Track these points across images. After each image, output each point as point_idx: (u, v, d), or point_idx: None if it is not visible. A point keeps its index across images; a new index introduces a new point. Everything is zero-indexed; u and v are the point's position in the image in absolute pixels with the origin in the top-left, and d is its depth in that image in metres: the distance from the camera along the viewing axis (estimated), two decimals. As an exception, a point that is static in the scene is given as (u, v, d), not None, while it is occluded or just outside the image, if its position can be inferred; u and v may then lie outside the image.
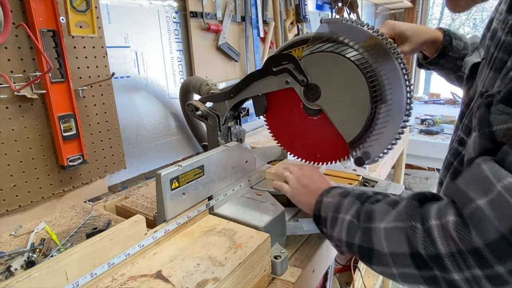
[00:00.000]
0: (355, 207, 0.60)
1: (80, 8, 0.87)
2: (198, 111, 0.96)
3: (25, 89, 0.83)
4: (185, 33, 1.33)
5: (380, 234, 0.53)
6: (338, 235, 0.61)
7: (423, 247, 0.47)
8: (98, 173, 1.05)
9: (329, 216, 0.64)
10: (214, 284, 0.54)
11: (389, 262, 0.52)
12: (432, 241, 0.46)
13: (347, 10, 2.46)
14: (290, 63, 0.80)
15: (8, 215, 0.86)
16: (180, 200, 0.69)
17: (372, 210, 0.57)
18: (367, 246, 0.55)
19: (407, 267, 0.50)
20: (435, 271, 0.47)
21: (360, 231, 0.57)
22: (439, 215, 0.47)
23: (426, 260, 0.47)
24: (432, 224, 0.47)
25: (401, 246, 0.50)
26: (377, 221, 0.54)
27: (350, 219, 0.59)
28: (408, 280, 0.51)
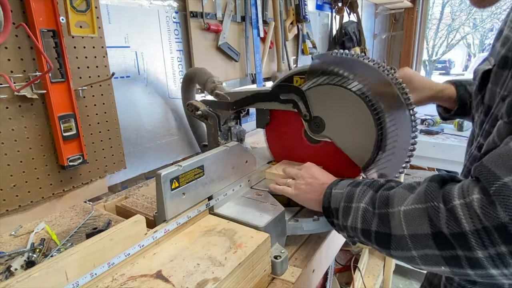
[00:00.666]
0: (369, 194, 0.60)
1: (80, 8, 0.87)
2: (198, 111, 0.96)
3: (25, 89, 0.83)
4: (185, 33, 1.33)
5: (400, 217, 0.53)
6: (353, 223, 0.60)
7: (446, 226, 0.47)
8: (98, 173, 1.05)
9: (341, 207, 0.64)
10: (214, 284, 0.54)
11: (408, 245, 0.51)
12: (456, 219, 0.46)
13: (347, 10, 2.46)
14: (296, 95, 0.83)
15: (8, 215, 0.86)
16: (180, 200, 0.69)
17: (388, 195, 0.57)
18: (385, 232, 0.55)
19: (428, 248, 0.49)
20: (457, 251, 0.46)
21: (376, 217, 0.56)
22: (463, 194, 0.47)
23: (449, 240, 0.47)
24: (456, 203, 0.46)
25: (423, 227, 0.49)
26: (396, 205, 0.54)
27: (364, 207, 0.59)
28: (428, 262, 0.51)
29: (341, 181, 0.69)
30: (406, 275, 2.61)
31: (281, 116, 0.91)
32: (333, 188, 0.68)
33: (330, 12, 2.44)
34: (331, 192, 0.68)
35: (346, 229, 0.63)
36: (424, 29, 3.68)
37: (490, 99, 0.63)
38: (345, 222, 0.63)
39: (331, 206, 0.66)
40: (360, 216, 0.59)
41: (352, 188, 0.64)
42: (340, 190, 0.66)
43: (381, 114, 0.74)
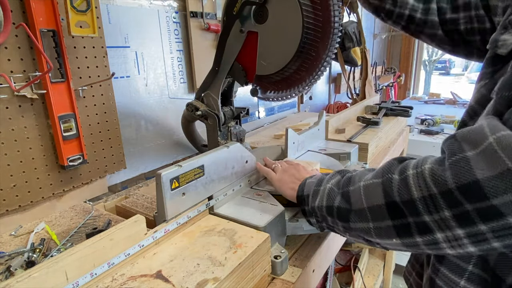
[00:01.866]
0: (336, 178, 0.64)
1: (80, 8, 0.87)
2: (198, 111, 0.96)
3: (25, 89, 0.83)
4: (185, 33, 1.33)
5: (360, 191, 0.55)
6: (319, 203, 0.64)
7: (398, 195, 0.49)
8: (98, 173, 1.05)
9: (311, 191, 0.67)
10: (214, 284, 0.54)
11: (367, 217, 0.54)
12: (407, 187, 0.48)
13: (347, 10, 2.45)
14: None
15: (8, 215, 0.86)
16: (180, 200, 0.69)
17: (351, 176, 0.61)
18: (345, 207, 0.58)
19: (382, 218, 0.52)
20: (408, 218, 0.48)
21: (339, 194, 0.60)
22: (417, 165, 0.48)
23: (401, 207, 0.49)
24: (409, 173, 0.48)
25: (378, 199, 0.52)
26: (356, 182, 0.57)
27: (330, 187, 0.63)
28: (381, 233, 0.53)
29: (317, 174, 0.73)
30: (406, 275, 2.61)
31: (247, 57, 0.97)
32: (307, 179, 0.72)
33: (330, 12, 2.44)
34: (305, 182, 0.71)
35: (314, 211, 0.65)
36: (424, 29, 3.67)
37: None
38: (313, 203, 0.65)
39: (304, 194, 0.69)
40: (326, 195, 0.63)
41: (323, 175, 0.68)
42: (313, 180, 0.69)
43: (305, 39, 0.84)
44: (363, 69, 2.53)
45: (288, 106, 2.18)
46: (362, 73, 2.55)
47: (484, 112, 0.53)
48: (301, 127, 1.67)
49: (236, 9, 0.91)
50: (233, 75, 0.99)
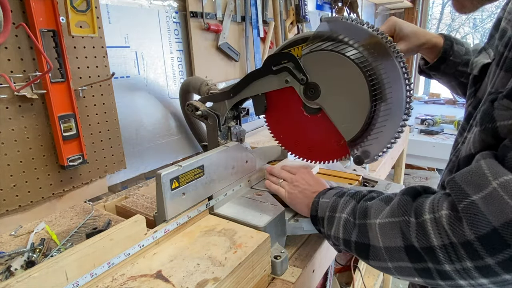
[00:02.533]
0: (351, 205, 0.62)
1: (80, 8, 0.87)
2: (198, 111, 0.96)
3: (25, 89, 0.83)
4: (185, 33, 1.33)
5: (376, 230, 0.55)
6: (336, 233, 0.63)
7: (416, 240, 0.48)
8: (98, 173, 1.05)
9: (326, 216, 0.66)
10: (214, 284, 0.54)
11: (384, 257, 0.53)
12: (425, 234, 0.47)
13: (347, 10, 2.46)
14: (290, 62, 0.80)
15: (8, 215, 0.86)
16: (180, 200, 0.69)
17: (367, 207, 0.59)
18: (363, 242, 0.57)
19: (401, 260, 0.51)
20: (428, 263, 0.48)
21: (356, 228, 0.58)
22: (433, 209, 0.48)
23: (420, 253, 0.48)
24: (426, 218, 0.48)
25: (396, 241, 0.51)
26: (372, 217, 0.56)
27: (346, 217, 0.61)
28: (403, 273, 0.53)
29: (329, 191, 0.71)
30: (406, 275, 2.61)
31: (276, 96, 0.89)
32: (320, 197, 0.70)
33: (330, 12, 2.44)
34: (318, 201, 0.70)
35: (330, 238, 0.65)
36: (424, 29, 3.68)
37: (483, 94, 0.62)
38: (329, 231, 0.65)
39: (318, 215, 0.68)
40: (342, 226, 0.61)
41: (336, 198, 0.66)
42: (326, 200, 0.68)
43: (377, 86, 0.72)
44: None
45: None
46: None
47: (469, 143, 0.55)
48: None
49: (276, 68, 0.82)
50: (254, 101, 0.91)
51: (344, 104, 0.77)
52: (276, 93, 0.87)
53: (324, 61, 0.76)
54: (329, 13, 2.44)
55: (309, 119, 0.86)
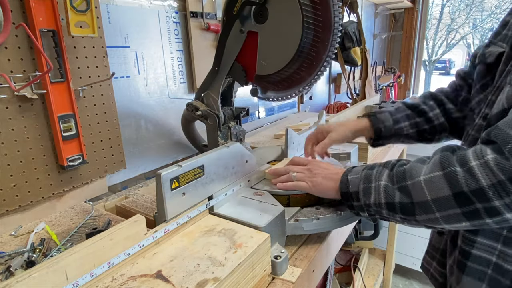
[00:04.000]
0: (385, 173, 0.67)
1: (80, 8, 0.87)
2: (198, 111, 0.96)
3: (25, 89, 0.83)
4: (185, 33, 1.33)
5: (421, 186, 0.59)
6: (376, 200, 0.66)
7: (466, 185, 0.53)
8: (98, 173, 1.05)
9: (361, 188, 0.69)
10: (214, 284, 0.54)
11: (432, 209, 0.58)
12: (474, 178, 0.53)
13: (347, 10, 2.46)
14: None
15: (8, 215, 0.86)
16: (180, 200, 0.69)
17: (404, 170, 0.63)
18: (408, 201, 0.61)
19: (450, 208, 0.56)
20: (476, 205, 0.53)
21: (397, 190, 0.63)
22: (477, 156, 0.54)
23: (469, 197, 0.53)
24: (473, 164, 0.54)
25: (443, 191, 0.56)
26: (414, 177, 0.60)
27: (385, 184, 0.65)
28: (450, 220, 0.58)
29: (354, 168, 0.75)
30: (406, 275, 2.61)
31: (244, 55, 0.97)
32: (348, 175, 0.73)
33: (330, 12, 2.44)
34: (347, 178, 0.73)
35: (369, 207, 0.68)
36: (424, 29, 3.68)
37: (498, 79, 0.70)
38: (367, 201, 0.68)
39: (350, 190, 0.72)
40: (383, 192, 0.65)
41: (367, 171, 0.70)
42: (355, 175, 0.72)
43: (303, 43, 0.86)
44: (363, 69, 2.53)
45: (288, 106, 2.18)
46: (362, 73, 2.55)
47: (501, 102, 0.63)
48: (301, 127, 1.67)
49: (236, 9, 0.91)
50: (233, 75, 0.99)
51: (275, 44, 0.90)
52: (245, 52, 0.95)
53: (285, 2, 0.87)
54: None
55: None
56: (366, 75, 2.53)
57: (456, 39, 11.61)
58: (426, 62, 10.98)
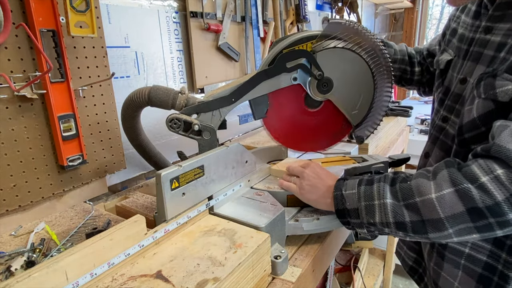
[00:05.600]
0: (388, 190, 0.65)
1: (80, 8, 0.87)
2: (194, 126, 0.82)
3: (25, 89, 0.83)
4: (185, 33, 1.33)
5: (433, 203, 0.59)
6: (383, 219, 0.65)
7: (481, 201, 0.55)
8: (98, 173, 1.05)
9: (362, 206, 0.67)
10: (214, 284, 0.54)
11: (445, 226, 0.59)
12: (488, 194, 0.55)
13: (347, 10, 2.46)
14: (304, 58, 0.86)
15: (8, 215, 0.86)
16: (180, 200, 0.69)
17: (410, 187, 0.63)
18: (418, 219, 0.61)
19: (463, 223, 0.57)
20: (490, 219, 0.55)
21: (404, 208, 0.63)
22: (486, 172, 0.56)
23: (483, 211, 0.55)
24: (484, 180, 0.55)
25: (457, 207, 0.57)
26: (424, 194, 0.61)
27: (391, 202, 0.64)
28: (462, 234, 0.59)
29: (347, 182, 0.72)
30: (406, 275, 2.61)
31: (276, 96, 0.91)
32: (342, 189, 0.71)
33: (330, 12, 2.44)
34: (341, 194, 0.70)
35: (372, 225, 0.67)
36: (424, 29, 3.68)
37: (450, 82, 0.84)
38: (371, 220, 0.66)
39: (347, 208, 0.69)
40: (391, 211, 0.64)
41: (366, 187, 0.68)
42: (352, 191, 0.69)
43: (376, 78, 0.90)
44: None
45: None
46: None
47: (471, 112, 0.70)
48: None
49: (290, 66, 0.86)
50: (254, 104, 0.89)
51: (352, 95, 0.91)
52: (276, 93, 0.88)
53: (337, 57, 0.87)
54: (329, 13, 2.44)
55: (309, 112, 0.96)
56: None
57: (456, 39, 11.61)
58: (426, 62, 10.97)
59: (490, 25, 0.73)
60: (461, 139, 0.74)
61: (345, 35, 0.85)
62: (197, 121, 0.84)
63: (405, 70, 1.14)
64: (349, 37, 0.85)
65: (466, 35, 0.81)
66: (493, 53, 0.70)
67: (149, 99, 0.90)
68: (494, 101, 0.65)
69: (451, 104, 0.82)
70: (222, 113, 0.86)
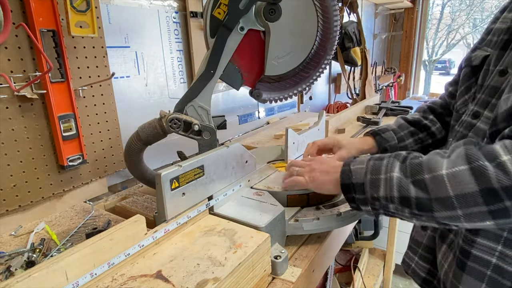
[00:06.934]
0: (397, 165, 0.61)
1: (80, 8, 0.87)
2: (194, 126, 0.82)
3: (25, 89, 0.83)
4: (185, 33, 1.33)
5: (443, 180, 0.54)
6: (387, 193, 0.61)
7: (497, 181, 0.50)
8: (98, 173, 1.05)
9: (368, 179, 0.64)
10: (214, 284, 0.54)
11: (454, 205, 0.54)
12: (507, 173, 0.49)
13: (347, 10, 2.46)
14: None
15: (8, 215, 0.86)
16: (180, 200, 0.69)
17: (420, 162, 0.59)
18: (426, 196, 0.57)
19: (475, 205, 0.52)
20: (506, 202, 0.50)
21: (412, 184, 0.58)
22: (509, 151, 0.51)
23: (498, 193, 0.50)
24: (505, 159, 0.50)
25: (469, 186, 0.52)
26: (434, 170, 0.56)
27: (398, 176, 0.60)
28: (473, 218, 0.54)
29: (357, 158, 0.70)
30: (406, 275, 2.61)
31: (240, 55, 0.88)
32: (351, 164, 0.68)
33: (330, 12, 2.44)
34: (349, 168, 0.68)
35: (377, 200, 0.63)
36: (424, 29, 3.68)
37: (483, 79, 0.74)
38: (375, 194, 0.63)
39: (353, 182, 0.66)
40: (396, 185, 0.60)
41: (376, 162, 0.65)
42: (360, 165, 0.66)
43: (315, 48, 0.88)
44: (363, 69, 2.53)
45: (288, 106, 2.18)
46: (362, 73, 2.55)
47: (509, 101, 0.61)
48: (301, 127, 1.67)
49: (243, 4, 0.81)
50: (227, 78, 0.87)
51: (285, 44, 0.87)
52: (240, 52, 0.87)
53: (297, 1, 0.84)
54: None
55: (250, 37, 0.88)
56: (366, 75, 2.53)
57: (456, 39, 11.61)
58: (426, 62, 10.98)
59: None
60: (494, 131, 0.64)
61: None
62: (197, 121, 0.84)
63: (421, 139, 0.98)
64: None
65: (504, 27, 0.73)
66: None
67: (142, 140, 0.90)
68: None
69: (485, 98, 0.71)
70: (208, 89, 0.85)
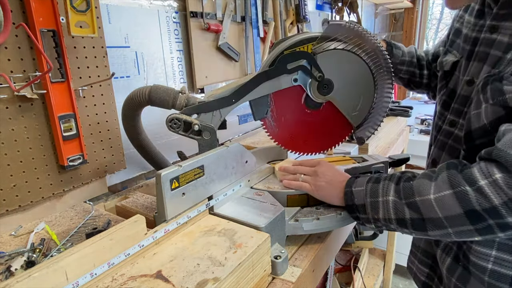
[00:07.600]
0: (392, 188, 0.68)
1: (80, 8, 0.87)
2: (194, 126, 0.83)
3: (25, 89, 0.83)
4: (185, 33, 1.33)
5: (431, 204, 0.61)
6: (385, 215, 0.68)
7: (478, 204, 0.56)
8: (98, 173, 1.05)
9: (368, 202, 0.71)
10: (214, 284, 0.54)
11: (444, 225, 0.60)
12: (486, 197, 0.55)
13: (347, 10, 2.46)
14: (305, 60, 0.86)
15: (8, 215, 0.86)
16: (180, 200, 0.69)
17: (412, 186, 0.65)
18: (418, 217, 0.63)
19: (462, 225, 0.58)
20: (489, 221, 0.56)
21: (406, 206, 0.64)
22: (485, 175, 0.56)
23: (481, 214, 0.56)
24: (482, 184, 0.56)
25: (455, 209, 0.58)
26: (423, 194, 0.62)
27: (393, 199, 0.67)
28: (462, 235, 0.60)
29: (357, 179, 0.76)
30: (406, 275, 2.61)
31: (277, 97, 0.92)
32: (352, 186, 0.75)
33: (330, 12, 2.44)
34: (351, 190, 0.74)
35: (378, 221, 0.70)
36: (424, 29, 3.68)
37: (455, 84, 0.83)
38: (376, 215, 0.69)
39: (356, 203, 0.73)
40: (392, 208, 0.66)
41: (373, 185, 0.71)
42: (360, 188, 0.73)
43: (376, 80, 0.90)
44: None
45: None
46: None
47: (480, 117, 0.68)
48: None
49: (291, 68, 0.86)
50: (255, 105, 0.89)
51: (353, 96, 0.91)
52: (276, 94, 0.90)
53: (337, 59, 0.87)
54: (329, 13, 2.44)
55: (308, 113, 0.95)
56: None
57: (456, 39, 11.62)
58: (426, 62, 10.99)
59: (496, 23, 0.71)
60: (471, 146, 0.72)
61: (345, 37, 0.85)
62: (197, 121, 0.84)
63: (414, 73, 1.11)
64: (349, 38, 0.85)
65: (469, 35, 0.79)
66: (500, 54, 0.68)
67: (149, 98, 0.90)
68: (505, 107, 0.63)
69: (458, 107, 0.80)
70: (222, 113, 0.87)
